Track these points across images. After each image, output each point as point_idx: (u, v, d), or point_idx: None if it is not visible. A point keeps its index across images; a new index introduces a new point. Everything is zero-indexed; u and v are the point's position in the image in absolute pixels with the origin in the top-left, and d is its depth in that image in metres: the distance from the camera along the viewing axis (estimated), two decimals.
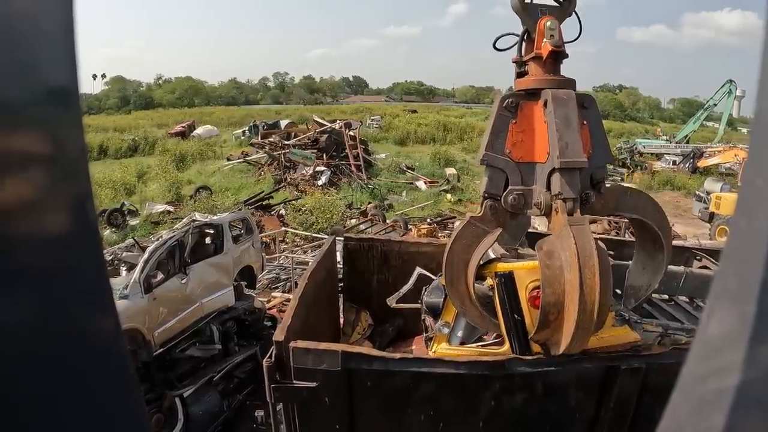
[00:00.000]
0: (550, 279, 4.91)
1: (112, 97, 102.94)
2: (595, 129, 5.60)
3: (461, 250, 5.53)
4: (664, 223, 5.98)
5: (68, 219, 0.67)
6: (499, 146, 5.52)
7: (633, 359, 5.48)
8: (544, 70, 5.55)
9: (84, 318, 0.69)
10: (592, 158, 5.44)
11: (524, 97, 5.57)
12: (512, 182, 5.53)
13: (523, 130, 5.53)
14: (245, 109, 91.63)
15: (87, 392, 0.68)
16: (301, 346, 5.11)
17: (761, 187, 0.62)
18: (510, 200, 5.47)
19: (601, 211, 5.82)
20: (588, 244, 4.76)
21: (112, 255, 11.95)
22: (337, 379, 5.13)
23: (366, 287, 8.98)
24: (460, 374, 5.25)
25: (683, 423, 0.64)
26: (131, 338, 9.31)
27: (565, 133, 5.17)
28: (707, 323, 0.65)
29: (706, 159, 46.95)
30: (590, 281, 4.66)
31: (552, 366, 5.35)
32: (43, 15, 0.62)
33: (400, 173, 42.02)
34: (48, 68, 0.63)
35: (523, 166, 5.52)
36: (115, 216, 26.57)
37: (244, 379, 11.58)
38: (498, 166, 5.53)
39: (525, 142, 5.52)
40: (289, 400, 5.24)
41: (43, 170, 0.65)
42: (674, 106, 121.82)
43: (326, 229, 24.59)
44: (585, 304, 4.67)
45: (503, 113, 5.54)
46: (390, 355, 5.39)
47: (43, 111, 0.64)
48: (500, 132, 5.53)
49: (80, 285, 0.68)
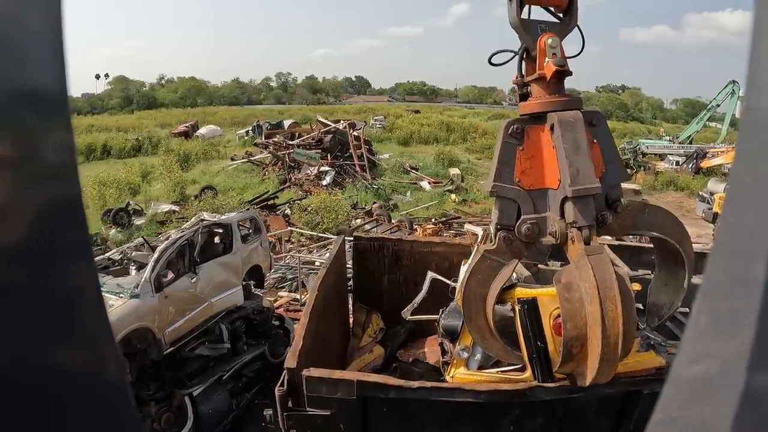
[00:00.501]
0: (570, 313, 4.75)
1: (114, 96, 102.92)
2: (606, 146, 5.40)
3: (478, 285, 5.36)
4: (684, 238, 5.75)
5: (57, 221, 0.66)
6: (507, 175, 5.32)
7: (655, 383, 5.31)
8: (548, 92, 5.34)
9: (74, 320, 0.68)
10: (606, 177, 5.27)
11: (529, 121, 5.38)
12: (524, 211, 5.33)
13: (531, 157, 5.35)
14: (248, 109, 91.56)
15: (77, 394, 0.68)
16: (315, 374, 4.99)
17: (749, 184, 0.63)
18: (524, 230, 5.29)
19: (619, 231, 5.69)
20: (608, 275, 4.60)
21: (121, 254, 11.92)
22: (353, 407, 5.04)
23: (377, 287, 8.95)
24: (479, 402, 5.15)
25: (674, 416, 0.66)
26: (141, 337, 9.35)
27: (575, 159, 4.99)
28: (697, 317, 0.66)
29: (710, 159, 46.76)
30: (612, 313, 4.51)
31: (574, 393, 5.21)
32: (30, 16, 0.61)
33: (404, 173, 41.94)
34: (35, 69, 0.62)
35: (534, 193, 5.34)
36: (121, 215, 26.55)
37: (253, 377, 11.58)
38: (509, 197, 5.35)
39: (534, 169, 5.34)
40: (302, 428, 5.13)
41: (31, 172, 0.63)
42: (677, 107, 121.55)
43: (332, 228, 24.57)
44: (608, 338, 4.52)
45: (509, 140, 5.35)
46: (407, 384, 5.21)
47: (30, 112, 0.63)
48: (508, 160, 5.34)
49: (70, 286, 0.67)
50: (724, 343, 0.62)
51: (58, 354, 0.66)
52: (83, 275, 0.70)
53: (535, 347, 5.40)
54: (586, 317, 4.68)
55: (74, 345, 0.68)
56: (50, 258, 0.65)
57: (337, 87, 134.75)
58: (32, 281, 0.63)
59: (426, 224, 26.14)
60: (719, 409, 0.60)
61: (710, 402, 0.62)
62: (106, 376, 0.71)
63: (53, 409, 0.65)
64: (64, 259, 0.67)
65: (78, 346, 0.69)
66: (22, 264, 0.63)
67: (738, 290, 0.62)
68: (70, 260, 0.68)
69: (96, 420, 0.70)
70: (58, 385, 0.65)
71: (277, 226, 24.14)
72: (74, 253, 0.68)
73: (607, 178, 5.28)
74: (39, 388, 0.63)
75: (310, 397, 5.00)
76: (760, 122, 0.63)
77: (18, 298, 0.62)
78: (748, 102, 0.63)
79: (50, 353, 0.65)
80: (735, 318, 0.61)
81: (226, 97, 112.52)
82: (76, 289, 0.68)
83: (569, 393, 5.22)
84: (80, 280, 0.69)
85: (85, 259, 0.70)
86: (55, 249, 0.65)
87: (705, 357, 0.64)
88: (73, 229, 0.67)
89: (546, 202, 5.32)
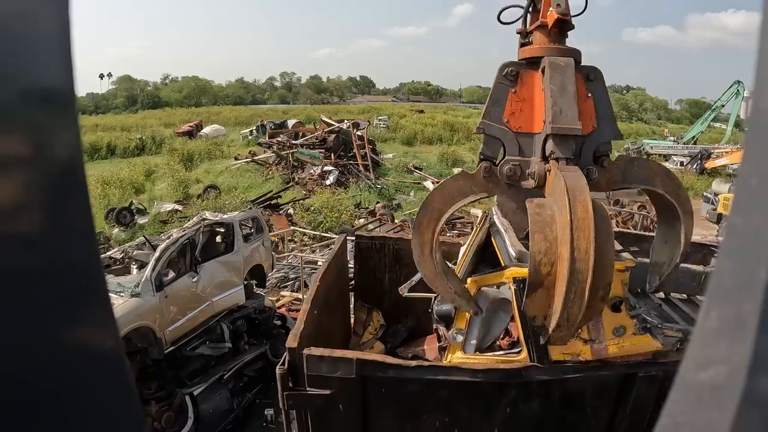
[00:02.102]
0: (540, 225, 4.42)
1: (119, 96, 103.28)
2: (601, 102, 5.44)
3: (440, 200, 5.42)
4: (678, 190, 5.58)
5: (64, 220, 0.66)
6: (497, 115, 5.47)
7: (650, 367, 5.39)
8: (548, 39, 5.46)
9: (80, 319, 0.68)
10: (596, 133, 5.34)
11: (525, 66, 5.52)
12: (509, 152, 5.46)
13: (522, 100, 5.46)
14: (252, 109, 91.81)
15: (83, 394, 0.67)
16: (315, 353, 5.05)
17: (756, 186, 0.62)
18: (506, 170, 5.41)
19: (606, 186, 5.60)
20: (579, 182, 4.39)
21: (123, 253, 11.93)
22: (352, 386, 5.08)
23: (378, 286, 8.95)
24: (476, 381, 5.18)
25: (681, 421, 0.64)
26: (143, 336, 9.37)
27: (559, 100, 5.03)
28: (704, 321, 0.65)
29: (714, 160, 46.70)
30: (582, 215, 4.14)
31: (569, 374, 5.28)
32: (38, 15, 0.61)
33: (408, 173, 41.95)
34: (43, 68, 0.62)
35: (521, 136, 5.45)
36: (124, 214, 26.63)
37: (254, 377, 11.63)
38: (495, 135, 5.49)
39: (524, 112, 5.45)
40: (302, 408, 5.18)
41: (39, 171, 0.64)
42: (681, 107, 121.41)
43: (335, 228, 24.58)
44: (578, 249, 4.10)
45: (502, 82, 5.50)
46: (406, 363, 5.30)
47: (38, 111, 0.63)
48: (498, 101, 5.49)
49: (77, 286, 0.67)
50: (732, 348, 0.61)
51: (62, 351, 0.66)
52: (89, 272, 0.70)
53: (531, 327, 5.31)
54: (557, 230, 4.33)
55: (79, 342, 0.69)
56: (57, 255, 0.66)
57: (342, 87, 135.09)
58: (39, 278, 0.63)
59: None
60: (726, 414, 0.59)
61: (717, 407, 0.61)
62: (111, 373, 0.71)
63: (57, 407, 0.65)
64: (70, 256, 0.67)
65: (83, 343, 0.69)
66: (29, 260, 0.63)
67: (745, 294, 0.60)
68: (76, 257, 0.68)
69: (100, 418, 0.70)
70: (62, 383, 0.65)
71: (280, 226, 24.14)
72: (81, 250, 0.68)
73: (596, 135, 5.35)
74: (43, 386, 0.63)
75: (310, 376, 5.02)
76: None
77: (24, 294, 0.62)
78: (756, 103, 0.61)
79: (54, 350, 0.65)
80: (743, 322, 0.60)
81: (230, 96, 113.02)
82: (82, 286, 0.68)
83: (564, 373, 5.27)
84: (86, 277, 0.69)
85: (92, 257, 0.70)
86: (61, 246, 0.66)
87: (712, 361, 0.63)
88: (80, 225, 0.68)
89: (531, 147, 5.41)
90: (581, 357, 5.35)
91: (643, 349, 5.57)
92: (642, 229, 24.38)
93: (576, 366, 5.30)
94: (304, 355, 5.00)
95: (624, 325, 5.45)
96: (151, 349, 9.56)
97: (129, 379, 0.73)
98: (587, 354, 5.35)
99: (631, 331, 5.51)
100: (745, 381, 0.58)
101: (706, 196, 33.78)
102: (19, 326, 0.61)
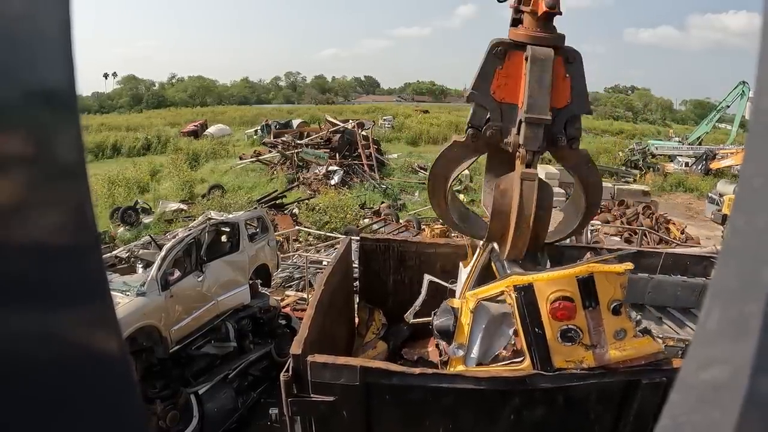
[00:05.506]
0: (500, 207, 6.08)
1: (124, 95, 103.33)
2: (577, 81, 6.07)
3: (442, 167, 6.61)
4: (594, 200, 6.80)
5: (66, 222, 0.66)
6: (484, 87, 6.09)
7: (654, 373, 5.37)
8: (535, 26, 5.93)
9: (81, 319, 0.68)
10: (570, 106, 6.10)
11: (513, 46, 6.00)
12: (493, 118, 6.15)
13: (507, 75, 6.05)
14: (257, 109, 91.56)
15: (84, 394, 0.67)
16: (319, 360, 5.06)
17: (759, 186, 0.62)
18: (488, 134, 6.17)
19: (562, 160, 6.65)
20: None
21: (128, 252, 11.94)
22: (356, 393, 5.09)
23: (382, 287, 8.93)
24: (480, 389, 5.19)
25: (682, 421, 0.65)
26: (148, 335, 9.38)
27: (535, 92, 5.76)
28: (705, 321, 0.65)
29: (719, 161, 46.51)
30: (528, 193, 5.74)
31: (573, 381, 5.29)
32: (39, 15, 0.60)
33: (413, 173, 41.92)
34: (44, 68, 0.61)
35: (504, 106, 6.11)
36: (129, 214, 26.68)
37: (259, 376, 11.64)
38: (482, 104, 6.17)
39: (509, 86, 6.06)
40: (306, 414, 5.19)
41: (40, 171, 0.63)
42: (686, 108, 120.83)
43: (339, 228, 24.59)
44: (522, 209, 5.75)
45: (491, 58, 6.05)
46: (409, 371, 5.28)
47: (39, 111, 0.62)
48: (487, 74, 6.07)
49: (78, 286, 0.67)
50: (734, 348, 0.61)
51: (65, 351, 0.66)
52: (92, 273, 0.69)
53: (533, 334, 5.42)
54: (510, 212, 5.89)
55: (82, 342, 0.68)
56: (59, 256, 0.65)
57: (346, 87, 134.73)
58: (41, 279, 0.63)
59: (434, 224, 26.07)
60: (729, 414, 0.59)
61: (719, 407, 0.61)
62: (113, 372, 0.71)
63: (59, 405, 0.64)
64: (72, 256, 0.66)
65: (86, 343, 0.69)
66: (31, 261, 0.63)
67: (747, 294, 0.61)
68: (78, 258, 0.67)
69: (102, 416, 0.70)
70: (64, 381, 0.65)
71: (285, 226, 24.15)
72: (83, 250, 0.68)
73: (570, 107, 6.12)
74: (45, 384, 0.63)
75: (314, 383, 5.04)
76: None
77: (25, 295, 0.62)
78: (758, 104, 0.61)
79: (57, 350, 0.65)
80: (744, 322, 0.60)
81: (236, 96, 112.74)
82: (85, 286, 0.68)
83: (568, 381, 5.29)
84: (89, 277, 0.68)
85: (94, 257, 0.70)
86: (63, 246, 0.65)
87: (714, 361, 0.64)
88: (82, 226, 0.66)
89: (512, 116, 6.08)
90: (584, 364, 5.36)
91: (645, 351, 5.57)
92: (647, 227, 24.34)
93: (580, 374, 5.31)
94: (308, 362, 5.01)
95: (624, 327, 5.47)
96: (156, 348, 9.57)
97: (131, 378, 0.73)
98: (590, 360, 5.36)
99: (632, 333, 5.54)
100: (748, 381, 0.58)
101: (710, 197, 33.71)
102: (19, 326, 0.61)
